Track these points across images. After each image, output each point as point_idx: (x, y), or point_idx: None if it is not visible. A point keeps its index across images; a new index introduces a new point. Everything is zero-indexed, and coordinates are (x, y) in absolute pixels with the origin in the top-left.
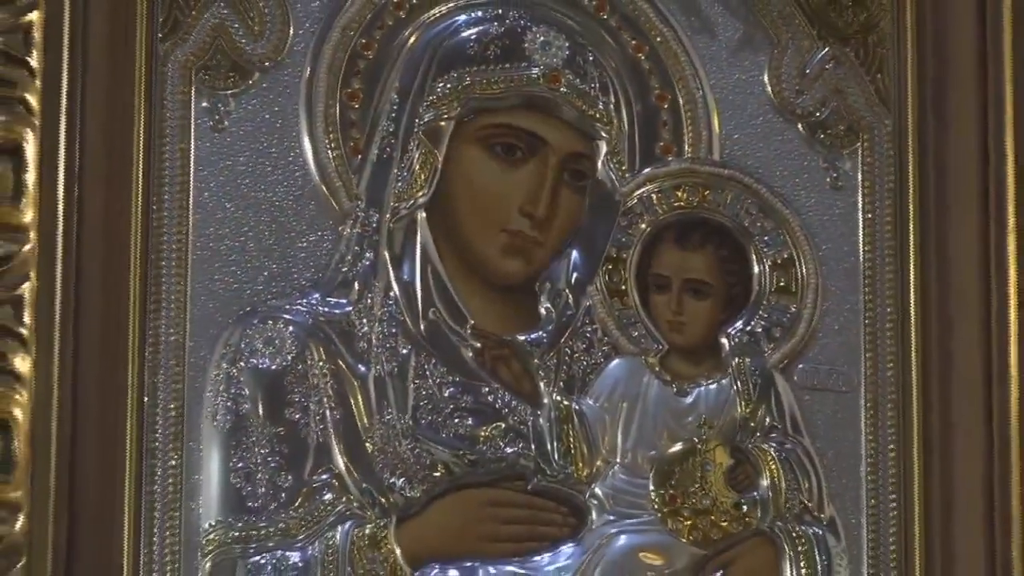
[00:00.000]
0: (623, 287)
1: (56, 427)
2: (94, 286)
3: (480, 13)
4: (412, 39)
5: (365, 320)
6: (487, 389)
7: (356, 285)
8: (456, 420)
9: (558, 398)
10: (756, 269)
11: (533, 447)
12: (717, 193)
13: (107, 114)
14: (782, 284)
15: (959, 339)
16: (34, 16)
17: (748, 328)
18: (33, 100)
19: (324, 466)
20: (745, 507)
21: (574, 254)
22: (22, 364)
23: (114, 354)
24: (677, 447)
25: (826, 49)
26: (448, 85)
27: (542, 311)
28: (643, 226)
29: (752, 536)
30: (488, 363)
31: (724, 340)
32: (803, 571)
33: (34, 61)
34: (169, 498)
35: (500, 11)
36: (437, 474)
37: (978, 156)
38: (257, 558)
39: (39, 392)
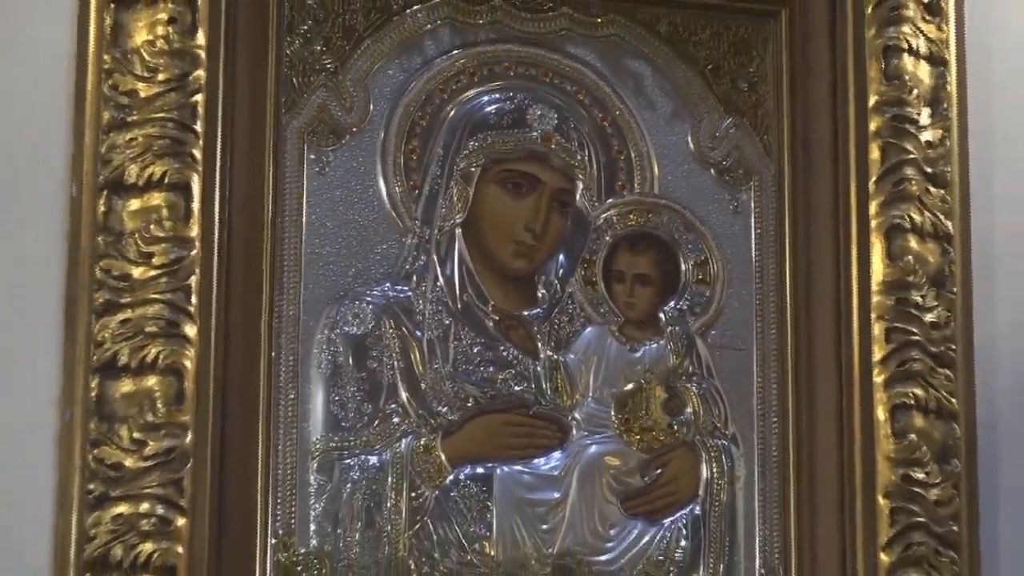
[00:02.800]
0: (594, 279)
1: (213, 372)
2: (238, 278)
3: (498, 95)
4: (452, 112)
5: (420, 301)
6: (503, 347)
7: (414, 278)
8: (482, 368)
9: (550, 353)
10: (683, 267)
11: (533, 386)
12: (657, 216)
13: (247, 163)
14: (700, 277)
15: (817, 314)
16: (199, 97)
17: (678, 306)
18: (198, 153)
19: (393, 399)
20: (676, 427)
21: (561, 256)
22: (190, 330)
23: (252, 324)
24: (630, 386)
25: (729, 119)
26: (476, 144)
27: (539, 295)
28: (607, 238)
29: (680, 446)
30: (503, 330)
31: (661, 315)
32: (714, 469)
33: (198, 127)
34: (289, 420)
35: (511, 94)
36: (469, 404)
37: (831, 190)
38: (348, 460)
39: (201, 349)
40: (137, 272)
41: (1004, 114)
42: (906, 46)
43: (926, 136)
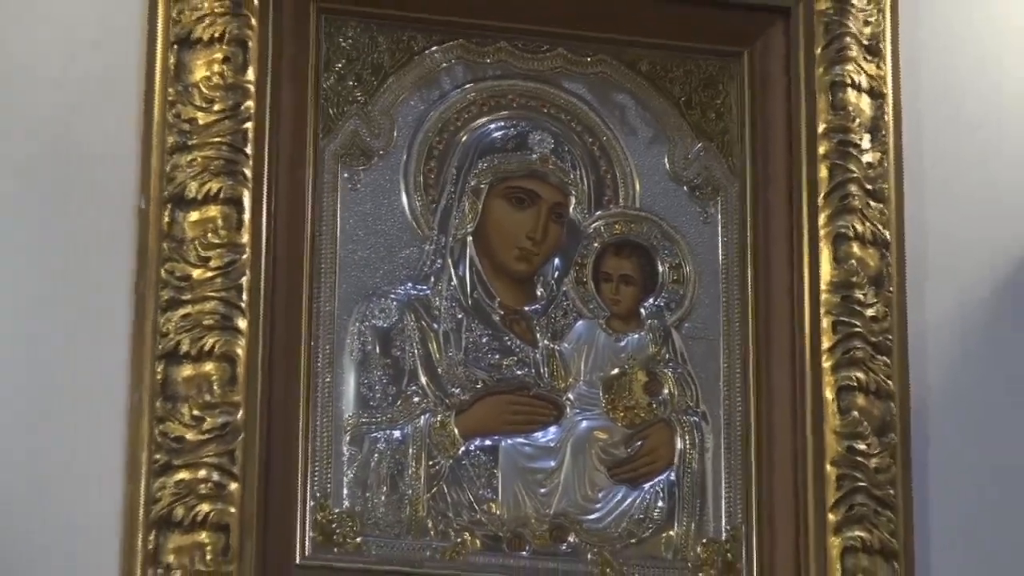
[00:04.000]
0: (585, 279)
1: (261, 359)
2: (282, 279)
3: (503, 123)
4: (464, 138)
5: (437, 298)
6: (507, 338)
7: (432, 278)
8: (489, 355)
9: (547, 343)
10: (660, 269)
11: (533, 371)
12: (638, 226)
13: (290, 181)
14: (675, 278)
15: (775, 309)
16: (249, 124)
17: (656, 303)
18: (248, 172)
19: (414, 382)
20: (655, 405)
21: (556, 260)
22: (242, 323)
23: (294, 318)
24: (615, 371)
25: (699, 144)
26: (485, 164)
27: (538, 293)
28: (596, 244)
29: (658, 422)
30: (507, 323)
31: (642, 310)
32: (687, 442)
33: (248, 150)
34: (325, 399)
35: (515, 122)
36: (478, 386)
37: (786, 204)
38: (375, 434)
39: (251, 339)
40: (196, 273)
41: (932, 140)
42: (850, 81)
43: (867, 158)
